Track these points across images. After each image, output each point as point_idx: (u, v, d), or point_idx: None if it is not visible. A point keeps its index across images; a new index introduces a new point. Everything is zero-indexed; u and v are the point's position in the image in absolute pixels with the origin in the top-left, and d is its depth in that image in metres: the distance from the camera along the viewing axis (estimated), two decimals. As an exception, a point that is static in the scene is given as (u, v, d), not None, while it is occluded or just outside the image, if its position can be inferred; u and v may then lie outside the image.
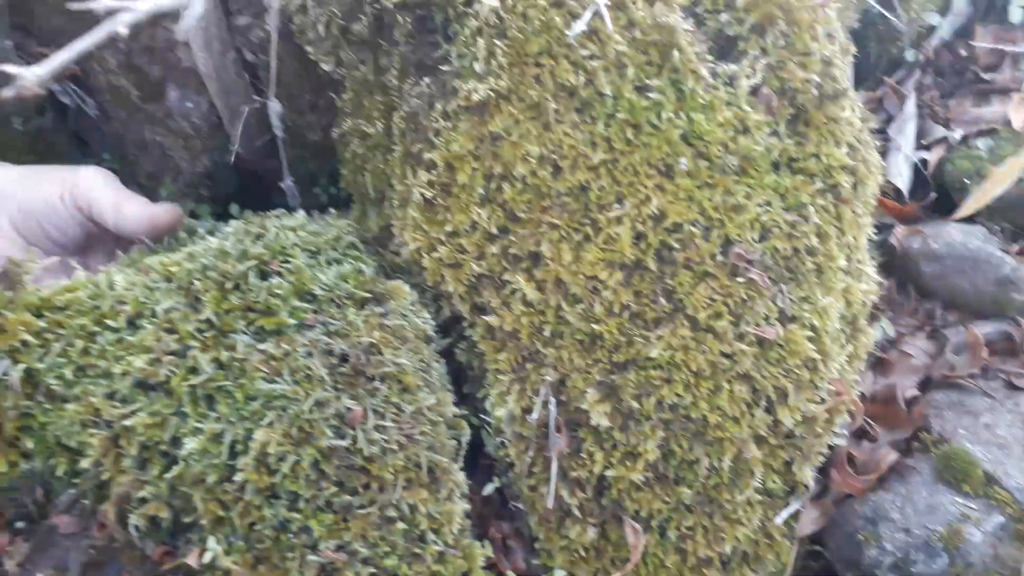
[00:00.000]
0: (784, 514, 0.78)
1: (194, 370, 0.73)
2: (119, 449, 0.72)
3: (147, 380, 0.73)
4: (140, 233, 0.89)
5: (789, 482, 0.79)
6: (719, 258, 0.77)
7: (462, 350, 0.89)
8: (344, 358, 0.76)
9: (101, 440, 0.72)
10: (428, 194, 0.82)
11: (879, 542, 0.74)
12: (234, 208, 1.24)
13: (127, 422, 0.72)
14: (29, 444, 0.74)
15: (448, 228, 0.82)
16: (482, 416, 0.85)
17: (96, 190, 0.89)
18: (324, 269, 0.82)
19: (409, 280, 0.87)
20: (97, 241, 0.94)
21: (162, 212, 0.89)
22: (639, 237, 0.77)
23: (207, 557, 0.68)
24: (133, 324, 0.76)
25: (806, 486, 0.78)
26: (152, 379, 0.73)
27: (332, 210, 0.95)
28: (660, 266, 0.76)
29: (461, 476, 0.77)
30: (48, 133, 1.29)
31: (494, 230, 0.81)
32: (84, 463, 0.72)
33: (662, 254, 0.77)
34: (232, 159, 1.21)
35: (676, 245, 0.76)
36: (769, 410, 0.76)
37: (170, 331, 0.75)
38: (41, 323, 0.75)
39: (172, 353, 0.73)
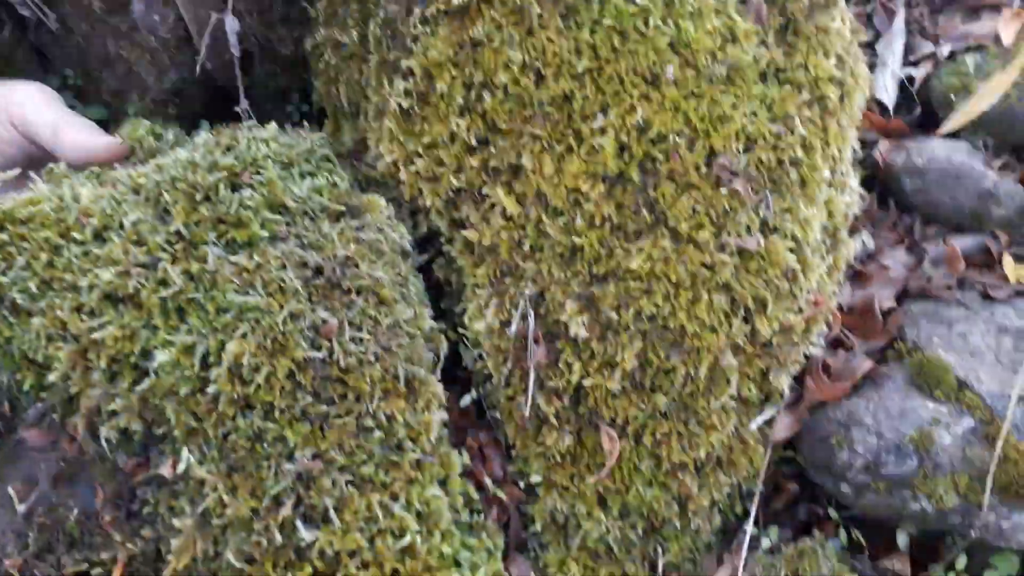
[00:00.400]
0: (759, 420, 0.79)
1: (164, 282, 0.71)
2: (87, 362, 0.71)
3: (116, 293, 0.71)
4: (76, 161, 0.82)
5: (765, 390, 0.79)
6: (703, 169, 0.75)
7: (440, 266, 0.88)
8: (319, 271, 0.75)
9: (69, 353, 0.71)
10: (405, 104, 0.79)
11: (851, 446, 0.75)
12: (204, 126, 1.20)
13: (95, 335, 0.70)
14: (-6, 359, 0.72)
15: (426, 140, 0.80)
16: (460, 330, 0.84)
17: (34, 110, 0.83)
18: (297, 182, 0.80)
19: (385, 194, 0.85)
20: (38, 164, 0.86)
21: (103, 148, 0.82)
22: (623, 148, 0.75)
23: (180, 467, 0.68)
24: (100, 237, 0.74)
25: (781, 394, 0.79)
26: (121, 292, 0.71)
27: (306, 124, 0.92)
28: (643, 177, 0.75)
29: (439, 387, 0.77)
30: (6, 48, 1.24)
31: (473, 142, 0.78)
32: (52, 377, 0.71)
33: (645, 165, 0.75)
34: (199, 75, 1.16)
35: (660, 156, 0.75)
36: (747, 320, 0.76)
37: (138, 243, 0.73)
38: (3, 236, 0.73)
39: (141, 265, 0.72)
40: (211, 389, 0.68)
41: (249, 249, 0.74)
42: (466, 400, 0.83)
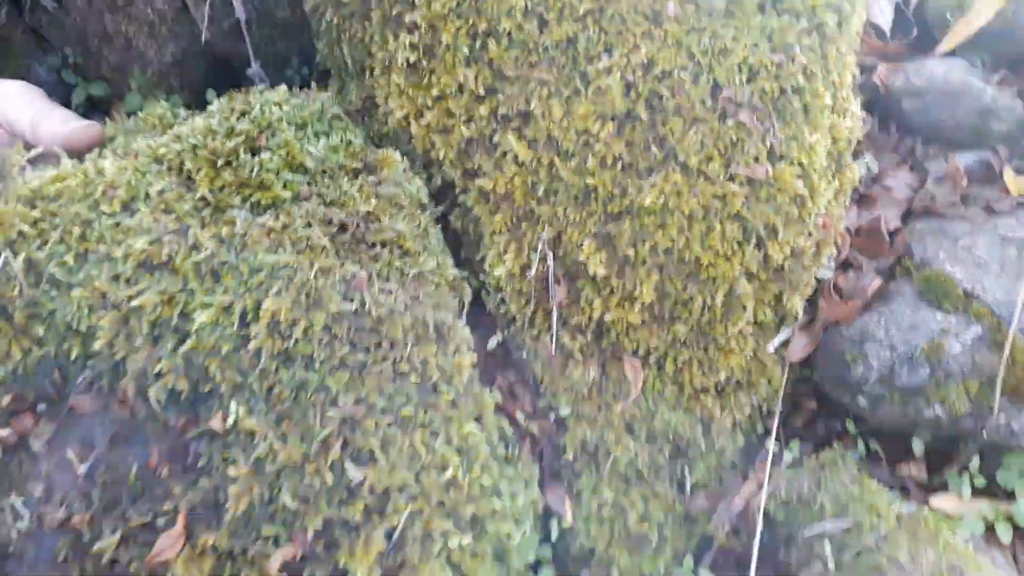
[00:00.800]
0: (776, 342, 0.82)
1: (196, 247, 0.74)
2: (129, 329, 0.74)
3: (150, 260, 0.74)
4: (58, 148, 0.86)
5: (779, 313, 0.83)
6: (708, 102, 0.77)
7: (456, 216, 0.90)
8: (343, 227, 0.77)
9: (110, 321, 0.74)
10: (412, 58, 0.81)
11: (865, 360, 0.79)
12: (210, 94, 1.21)
13: (135, 302, 0.73)
14: (40, 331, 0.75)
15: (434, 92, 0.82)
16: (481, 277, 0.87)
17: (11, 107, 0.87)
18: (313, 142, 0.82)
19: (397, 149, 0.87)
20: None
21: (79, 130, 0.85)
22: (629, 87, 0.77)
23: (230, 420, 0.71)
24: (128, 208, 0.76)
25: (795, 316, 0.82)
26: (155, 259, 0.73)
27: (314, 85, 0.93)
28: (651, 115, 0.77)
29: (466, 332, 0.80)
30: (4, 30, 1.24)
31: (482, 91, 0.80)
32: (96, 345, 0.74)
33: (652, 102, 0.77)
34: (201, 45, 1.17)
35: (666, 93, 0.77)
36: (759, 247, 0.78)
37: (167, 211, 0.75)
38: (34, 213, 0.75)
39: (172, 233, 0.74)
40: (252, 345, 0.71)
41: (274, 210, 0.76)
42: (492, 343, 0.86)
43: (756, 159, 0.77)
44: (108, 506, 0.72)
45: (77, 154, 0.85)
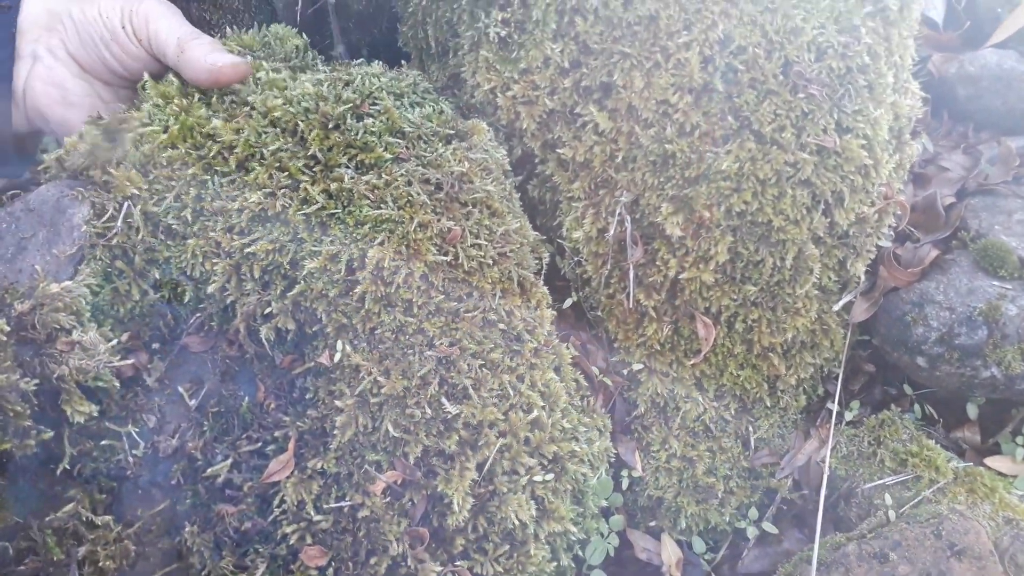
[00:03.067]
0: (840, 303, 0.87)
1: (306, 201, 0.80)
2: (241, 275, 0.80)
3: (264, 212, 0.80)
4: (199, 82, 0.83)
5: (843, 278, 0.87)
6: (780, 77, 0.83)
7: (534, 186, 0.96)
8: (439, 186, 0.83)
9: (224, 267, 0.80)
10: (502, 32, 0.87)
11: (926, 321, 0.83)
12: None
13: (248, 250, 0.79)
14: (156, 275, 0.81)
15: (522, 65, 0.88)
16: (558, 242, 0.93)
17: (159, 22, 0.82)
18: (409, 110, 0.88)
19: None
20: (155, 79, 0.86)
21: (229, 66, 0.82)
22: (707, 61, 0.83)
23: (336, 357, 0.77)
24: (243, 167, 0.82)
25: (857, 280, 0.87)
26: (269, 211, 0.80)
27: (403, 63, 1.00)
28: (727, 87, 0.83)
29: (546, 289, 0.86)
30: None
31: (567, 64, 0.86)
32: (209, 289, 0.80)
33: (728, 76, 0.83)
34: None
35: (741, 67, 0.82)
36: (827, 213, 0.83)
37: (280, 169, 0.81)
38: (149, 177, 0.81)
39: (285, 187, 0.80)
40: (357, 290, 0.77)
41: (377, 169, 0.82)
42: (567, 303, 0.91)
43: (825, 130, 0.83)
44: (219, 435, 0.78)
45: (214, 87, 0.83)
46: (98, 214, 0.80)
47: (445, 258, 0.80)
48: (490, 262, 0.82)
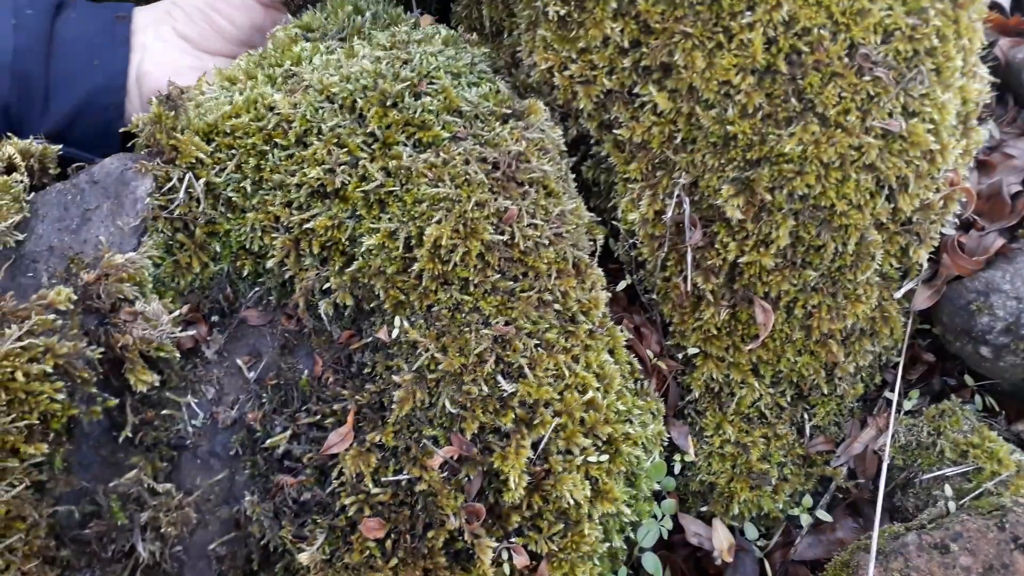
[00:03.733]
0: (902, 291, 0.85)
1: (365, 178, 0.80)
2: (300, 250, 0.81)
3: (323, 188, 0.81)
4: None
5: (904, 265, 0.86)
6: (845, 59, 0.81)
7: (588, 168, 0.96)
8: (495, 165, 0.83)
9: (283, 242, 0.81)
10: (562, 11, 0.86)
11: (991, 310, 0.81)
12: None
13: (307, 225, 0.80)
14: (216, 248, 0.83)
15: (580, 45, 0.87)
16: (613, 223, 0.92)
17: None
18: (467, 89, 0.88)
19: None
20: (256, 35, 1.00)
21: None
22: (770, 42, 0.81)
23: (394, 333, 0.77)
24: (302, 141, 0.83)
25: (919, 268, 0.85)
26: (328, 187, 0.80)
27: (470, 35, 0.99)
28: (790, 68, 0.81)
29: (600, 271, 0.85)
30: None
31: (626, 43, 0.85)
32: (268, 263, 0.81)
33: (792, 57, 0.81)
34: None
35: (805, 48, 0.81)
36: (890, 198, 0.82)
37: (339, 145, 0.82)
38: (211, 146, 0.82)
39: (344, 164, 0.81)
40: (415, 267, 0.78)
41: (435, 148, 0.83)
42: (621, 286, 0.91)
43: (890, 114, 0.81)
44: (278, 407, 0.79)
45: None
46: (160, 186, 0.81)
47: (501, 237, 0.79)
48: (546, 242, 0.82)
